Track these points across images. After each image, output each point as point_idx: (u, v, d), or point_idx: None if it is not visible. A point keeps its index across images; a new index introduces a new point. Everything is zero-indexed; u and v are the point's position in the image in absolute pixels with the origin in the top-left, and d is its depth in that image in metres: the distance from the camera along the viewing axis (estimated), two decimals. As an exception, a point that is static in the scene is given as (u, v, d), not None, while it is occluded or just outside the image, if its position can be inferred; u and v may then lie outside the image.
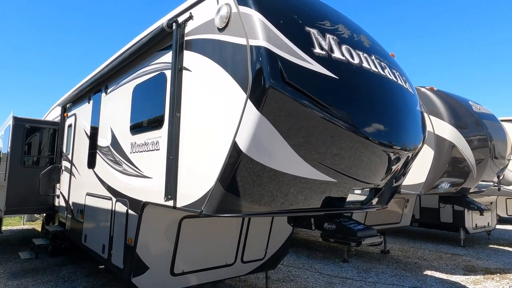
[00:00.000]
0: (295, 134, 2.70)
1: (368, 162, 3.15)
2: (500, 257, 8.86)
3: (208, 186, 2.91)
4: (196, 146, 3.17)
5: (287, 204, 3.00)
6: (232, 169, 2.72)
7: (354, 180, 3.13)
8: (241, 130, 2.64)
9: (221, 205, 2.84)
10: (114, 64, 4.96)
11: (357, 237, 3.61)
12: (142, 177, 4.09)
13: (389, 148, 3.19)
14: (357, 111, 2.95)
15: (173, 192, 3.34)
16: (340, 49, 3.00)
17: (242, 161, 2.68)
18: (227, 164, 2.73)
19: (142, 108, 4.36)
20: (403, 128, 3.40)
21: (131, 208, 4.29)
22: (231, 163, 2.72)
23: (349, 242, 3.72)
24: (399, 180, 3.91)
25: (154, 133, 3.90)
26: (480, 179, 7.06)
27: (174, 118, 3.41)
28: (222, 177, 2.78)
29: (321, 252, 8.95)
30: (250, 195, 2.83)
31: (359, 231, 3.67)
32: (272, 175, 2.76)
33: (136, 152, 4.28)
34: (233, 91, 2.76)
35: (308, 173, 2.86)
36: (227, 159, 2.73)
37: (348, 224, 3.80)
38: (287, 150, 2.70)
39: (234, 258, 5.12)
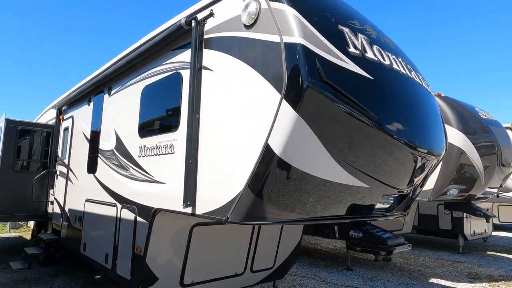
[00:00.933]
0: (332, 137, 2.56)
1: (399, 167, 3.03)
2: (501, 264, 8.87)
3: (235, 192, 2.73)
4: (219, 149, 2.99)
5: (317, 211, 2.84)
6: (264, 173, 2.55)
7: (386, 185, 3.00)
8: (274, 131, 2.48)
9: (250, 212, 2.66)
10: (120, 64, 4.74)
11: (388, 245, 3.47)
12: (153, 182, 3.87)
13: (419, 152, 3.08)
14: (391, 113, 2.83)
15: (192, 198, 3.14)
16: (372, 49, 2.89)
17: (275, 164, 2.52)
18: (259, 167, 2.56)
19: (153, 110, 4.15)
20: (430, 132, 3.31)
21: (140, 215, 4.06)
22: (263, 167, 2.55)
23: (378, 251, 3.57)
24: (422, 187, 3.81)
25: (168, 136, 3.70)
26: (487, 186, 7.06)
27: (193, 120, 3.23)
28: (252, 181, 2.60)
29: (323, 260, 8.78)
30: (281, 201, 2.67)
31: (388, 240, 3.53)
32: (305, 180, 2.61)
33: (146, 156, 4.06)
34: (264, 91, 2.61)
35: (342, 178, 2.72)
36: (258, 163, 2.56)
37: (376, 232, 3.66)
38: (322, 153, 2.55)
39: (244, 268, 4.92)
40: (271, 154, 2.51)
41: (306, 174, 2.59)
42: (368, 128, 2.62)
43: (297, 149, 2.51)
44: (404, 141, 2.84)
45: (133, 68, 4.63)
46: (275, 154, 2.49)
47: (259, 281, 5.27)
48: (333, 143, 2.57)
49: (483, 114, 7.25)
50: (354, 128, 2.58)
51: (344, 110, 2.48)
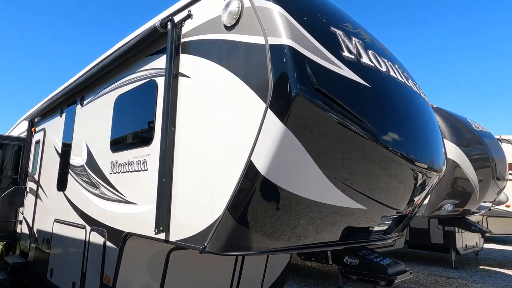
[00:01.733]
0: (325, 152, 2.21)
1: (399, 185, 2.70)
2: (495, 280, 8.62)
3: (213, 216, 2.35)
4: (196, 166, 2.62)
5: (309, 237, 2.48)
6: (246, 196, 2.19)
7: (385, 206, 2.67)
8: (258, 147, 2.13)
9: (230, 241, 2.28)
10: (93, 72, 4.34)
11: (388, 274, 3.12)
12: (124, 203, 3.45)
13: (419, 167, 2.77)
14: (390, 125, 2.52)
15: (166, 222, 2.74)
16: (367, 54, 2.59)
17: (259, 185, 2.15)
18: (240, 189, 2.20)
19: (126, 122, 3.76)
20: (430, 146, 3.01)
21: (109, 240, 3.61)
22: (245, 188, 2.19)
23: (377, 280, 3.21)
24: (420, 207, 3.49)
25: (141, 151, 3.30)
26: (482, 200, 6.84)
27: (167, 133, 2.86)
28: (232, 205, 2.23)
29: (313, 278, 8.36)
30: (267, 227, 2.29)
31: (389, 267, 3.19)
32: (295, 202, 2.25)
33: (117, 172, 3.64)
34: (247, 100, 2.26)
35: (337, 200, 2.37)
36: (239, 183, 2.19)
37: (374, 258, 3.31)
38: (314, 171, 2.20)
39: (228, 294, 4.49)
40: (254, 173, 2.15)
41: (295, 196, 2.23)
42: (365, 142, 2.29)
43: (285, 167, 2.16)
44: (404, 156, 2.52)
45: (107, 76, 4.24)
46: (259, 173, 2.13)
47: (245, 308, 4.83)
48: (326, 159, 2.23)
49: (476, 126, 7.08)
50: (350, 142, 2.25)
51: (339, 121, 2.15)
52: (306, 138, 2.13)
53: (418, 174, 2.78)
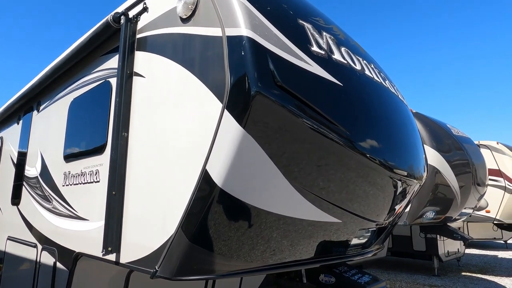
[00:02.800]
0: (291, 160, 1.94)
1: (376, 195, 2.45)
2: (478, 286, 8.52)
3: (165, 236, 2.03)
4: (150, 177, 2.29)
5: (277, 257, 2.18)
6: (201, 211, 1.88)
7: (362, 219, 2.40)
8: (215, 154, 1.83)
9: (185, 264, 1.96)
10: (47, 74, 3.97)
11: (367, 294, 2.85)
12: (76, 219, 3.07)
13: (399, 175, 2.53)
14: (365, 128, 2.27)
15: (116, 241, 2.39)
16: (340, 51, 2.35)
17: (216, 198, 1.85)
18: (194, 203, 1.89)
19: (80, 128, 3.39)
20: (410, 151, 2.78)
21: (60, 260, 3.21)
22: (200, 202, 1.88)
23: (355, 301, 2.94)
24: (400, 217, 3.26)
25: (94, 160, 2.95)
26: (464, 207, 6.72)
27: (119, 140, 2.53)
28: (186, 222, 1.92)
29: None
30: (228, 248, 1.99)
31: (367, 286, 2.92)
32: (259, 218, 1.95)
33: (70, 184, 3.26)
34: (202, 100, 1.97)
35: (308, 214, 2.09)
36: (193, 197, 1.89)
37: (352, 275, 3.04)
38: (280, 182, 1.92)
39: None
40: (210, 185, 1.84)
41: (259, 210, 1.94)
42: (337, 147, 2.03)
43: (245, 177, 1.87)
44: (382, 163, 2.28)
45: (62, 79, 3.87)
46: (215, 185, 1.83)
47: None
48: (293, 168, 1.95)
49: (456, 131, 7.00)
50: (320, 148, 1.98)
51: (306, 124, 1.88)
52: (269, 143, 1.84)
53: (397, 182, 2.54)
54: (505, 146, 10.45)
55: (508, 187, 9.99)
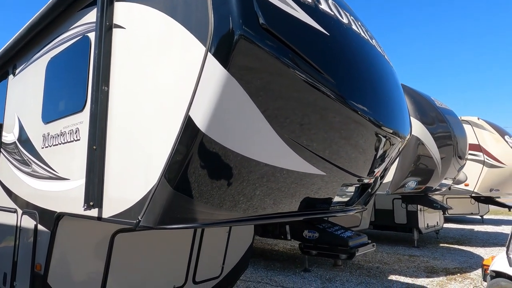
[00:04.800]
0: (276, 107, 1.91)
1: (361, 150, 2.47)
2: (454, 256, 8.90)
3: (148, 186, 2.00)
4: (132, 130, 2.24)
5: (260, 207, 2.19)
6: (184, 158, 1.85)
7: (345, 172, 2.42)
8: (198, 98, 1.79)
9: (168, 212, 1.94)
10: (22, 34, 3.77)
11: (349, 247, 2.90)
12: (56, 180, 3.00)
13: (384, 131, 2.54)
14: (351, 80, 2.26)
15: (98, 197, 2.35)
16: (327, 2, 2.29)
17: (199, 144, 1.82)
18: (177, 150, 1.85)
19: (58, 87, 3.27)
20: (395, 109, 2.80)
21: (41, 223, 3.16)
22: (183, 149, 1.84)
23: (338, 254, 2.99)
24: (383, 178, 3.31)
25: (74, 118, 2.86)
26: (444, 177, 6.91)
27: (99, 93, 2.45)
28: (169, 169, 1.88)
29: (279, 262, 8.22)
30: (210, 196, 1.97)
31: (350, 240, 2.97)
32: (245, 166, 1.94)
33: (50, 146, 3.17)
34: (184, 45, 1.91)
35: (292, 164, 2.08)
36: (176, 143, 1.85)
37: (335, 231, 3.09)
38: (264, 128, 1.90)
39: (185, 279, 4.16)
40: (193, 131, 1.81)
41: (243, 158, 1.92)
42: (322, 97, 2.01)
43: (229, 122, 1.83)
44: (368, 117, 2.27)
45: (38, 38, 3.69)
46: (198, 131, 1.79)
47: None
48: (278, 115, 1.93)
49: (439, 103, 7.10)
50: (305, 96, 1.96)
51: (292, 69, 1.85)
52: (253, 87, 1.81)
53: (381, 138, 2.55)
54: (486, 122, 10.72)
55: (486, 161, 10.31)
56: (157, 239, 3.78)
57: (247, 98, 1.80)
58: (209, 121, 1.77)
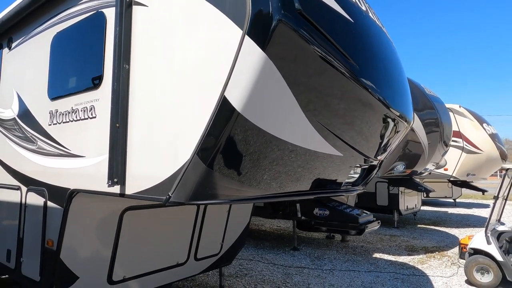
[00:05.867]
0: (307, 90, 2.00)
1: (373, 131, 2.61)
2: (432, 236, 9.46)
3: (179, 163, 2.06)
4: (157, 108, 2.27)
5: (282, 185, 2.31)
6: (218, 136, 1.92)
7: (360, 154, 2.57)
8: (234, 79, 1.85)
9: (199, 189, 2.03)
10: (22, 6, 3.63)
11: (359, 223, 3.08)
12: (68, 157, 3.00)
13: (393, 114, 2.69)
14: (371, 66, 2.38)
15: (121, 173, 2.39)
16: (349, -10, 2.37)
17: (234, 124, 1.90)
18: (212, 129, 1.92)
19: (67, 64, 3.22)
20: (402, 94, 2.95)
21: (51, 200, 3.16)
22: (218, 128, 1.92)
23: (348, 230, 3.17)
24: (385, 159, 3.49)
25: (88, 95, 2.84)
26: (429, 162, 7.26)
27: (121, 71, 2.45)
28: (203, 148, 1.96)
29: (268, 241, 8.49)
30: (242, 173, 2.07)
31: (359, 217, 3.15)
32: (274, 146, 2.04)
33: (59, 123, 3.14)
34: (218, 27, 1.95)
35: (316, 145, 2.20)
36: (211, 123, 1.92)
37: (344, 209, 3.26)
38: (296, 111, 2.00)
39: (187, 256, 4.29)
40: (229, 111, 1.88)
41: (275, 139, 2.02)
42: (347, 81, 2.12)
43: (264, 104, 1.92)
44: (381, 100, 2.41)
45: (40, 12, 3.57)
46: (234, 110, 1.87)
47: (204, 270, 4.69)
48: (308, 98, 2.03)
49: (428, 91, 7.38)
50: (332, 80, 2.06)
51: (323, 55, 1.94)
52: (288, 70, 1.89)
53: (391, 121, 2.71)
54: (466, 110, 11.22)
55: (465, 147, 10.86)
56: (163, 218, 3.86)
57: (281, 80, 1.88)
58: (245, 101, 1.84)
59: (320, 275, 5.83)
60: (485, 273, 5.34)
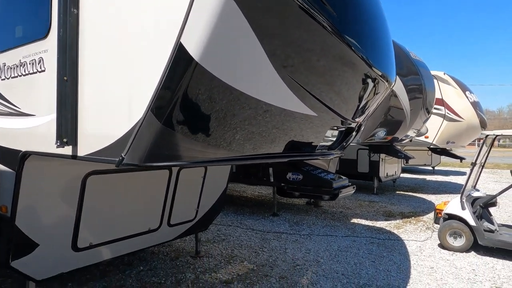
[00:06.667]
0: (275, 38, 1.76)
1: (352, 91, 2.42)
2: (409, 202, 9.66)
3: (131, 121, 1.83)
4: (109, 59, 2.00)
5: (250, 147, 2.12)
6: (174, 90, 1.69)
7: (336, 115, 2.38)
8: (191, 23, 1.59)
9: (155, 149, 1.82)
10: None
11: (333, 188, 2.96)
12: (18, 116, 2.71)
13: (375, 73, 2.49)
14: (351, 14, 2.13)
15: (72, 133, 2.14)
16: None
17: (191, 76, 1.66)
18: (166, 82, 1.68)
19: (13, 11, 2.83)
20: (387, 54, 2.74)
21: (2, 163, 2.90)
22: (173, 81, 1.68)
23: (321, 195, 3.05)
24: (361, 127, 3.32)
25: (36, 46, 2.51)
26: (410, 129, 7.20)
27: (68, 17, 2.13)
28: (157, 103, 1.72)
29: (248, 207, 8.48)
30: (200, 132, 1.86)
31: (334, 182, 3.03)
32: (237, 101, 1.82)
33: (7, 78, 2.81)
34: (174, -41, 1.65)
35: (287, 102, 1.99)
36: (165, 74, 1.67)
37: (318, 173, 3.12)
38: (262, 61, 1.76)
39: (159, 222, 4.15)
40: (185, 60, 1.63)
41: (240, 94, 1.79)
42: (322, 32, 1.88)
43: (226, 52, 1.67)
44: (363, 56, 2.19)
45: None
46: (192, 60, 1.62)
47: (179, 235, 4.60)
48: (278, 48, 1.79)
49: (413, 55, 7.18)
50: (306, 29, 1.82)
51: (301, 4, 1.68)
52: (255, 15, 1.63)
53: (371, 82, 2.51)
54: (451, 77, 11.14)
55: (447, 115, 10.90)
56: (132, 182, 3.66)
57: (246, 25, 1.63)
58: (204, 49, 1.60)
59: (297, 240, 5.85)
60: (457, 237, 5.46)
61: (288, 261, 4.90)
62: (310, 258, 5.02)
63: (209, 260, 4.89)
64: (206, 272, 4.48)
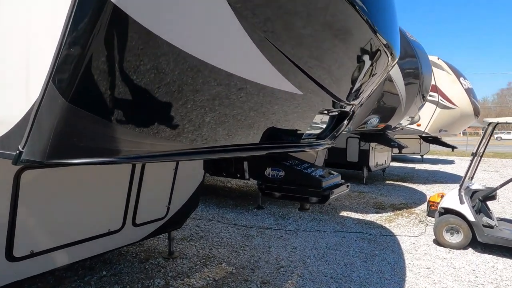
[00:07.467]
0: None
1: (349, 64, 1.86)
2: (399, 193, 9.30)
3: (30, 99, 1.24)
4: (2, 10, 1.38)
5: (212, 136, 1.54)
6: (83, 50, 1.09)
7: (326, 93, 1.82)
8: None
9: (62, 140, 1.23)
10: None
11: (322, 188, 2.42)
12: None
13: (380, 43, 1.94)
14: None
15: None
16: None
17: (107, 28, 1.07)
18: (72, 39, 1.09)
19: None
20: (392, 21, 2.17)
21: None
22: (80, 37, 1.09)
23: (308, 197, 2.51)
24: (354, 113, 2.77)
25: None
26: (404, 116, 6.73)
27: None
28: (58, 69, 1.13)
29: (232, 199, 7.96)
30: (130, 112, 1.28)
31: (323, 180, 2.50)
32: (185, 69, 1.23)
33: None
34: None
35: (259, 73, 1.42)
36: (68, 29, 1.08)
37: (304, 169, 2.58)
38: (220, 12, 1.17)
39: (122, 222, 3.58)
40: (98, 3, 1.04)
41: (188, 57, 1.21)
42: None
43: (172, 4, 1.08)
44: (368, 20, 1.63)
45: None
46: (106, 2, 1.03)
47: (147, 236, 4.04)
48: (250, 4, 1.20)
49: (410, 35, 6.64)
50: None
51: None
52: None
53: (373, 52, 1.95)
54: (445, 62, 10.68)
55: (440, 102, 10.49)
56: (84, 176, 3.07)
57: None
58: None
59: (282, 237, 5.38)
60: (454, 233, 5.06)
61: (271, 262, 4.41)
62: (296, 258, 4.55)
63: (183, 262, 4.36)
64: (178, 277, 3.96)
